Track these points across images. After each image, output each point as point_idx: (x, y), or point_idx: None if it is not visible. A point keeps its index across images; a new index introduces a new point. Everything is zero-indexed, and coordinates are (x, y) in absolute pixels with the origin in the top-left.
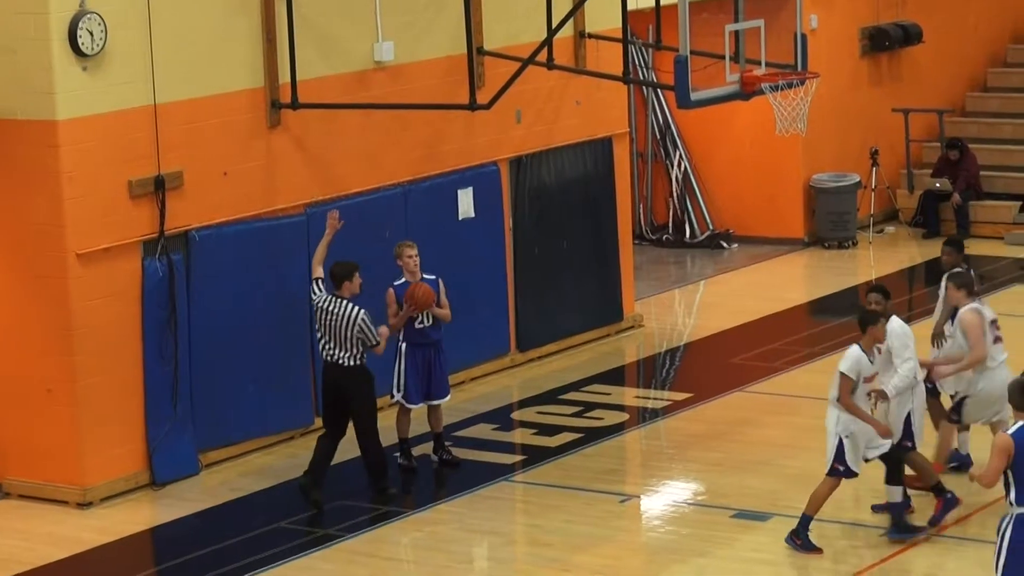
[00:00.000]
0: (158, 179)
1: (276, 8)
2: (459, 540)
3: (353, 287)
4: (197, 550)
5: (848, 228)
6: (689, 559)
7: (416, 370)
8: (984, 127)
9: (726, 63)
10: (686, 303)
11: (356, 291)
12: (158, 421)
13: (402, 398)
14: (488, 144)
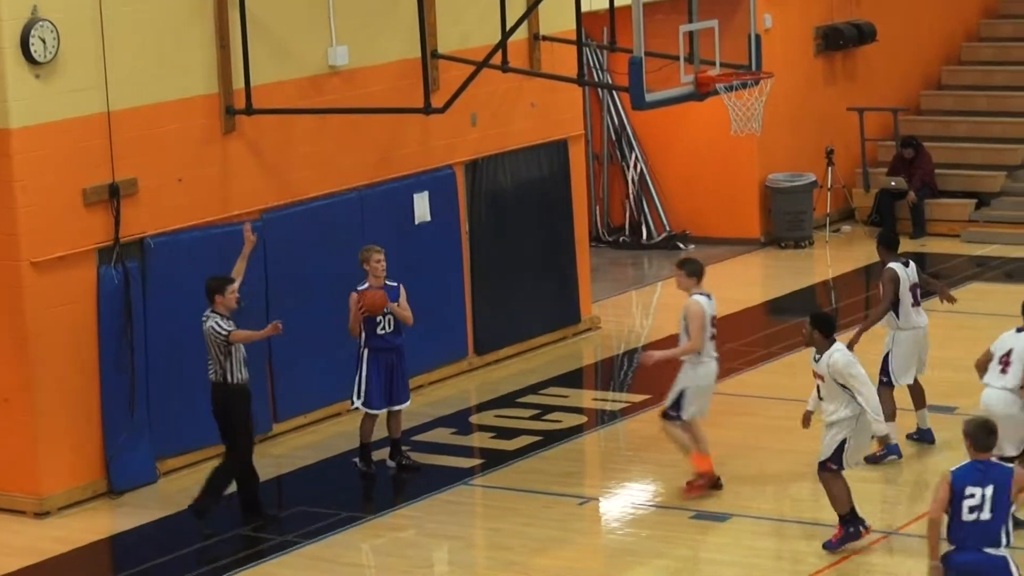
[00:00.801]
0: (113, 186)
1: (229, 14)
2: (419, 545)
3: (227, 301)
4: (156, 558)
5: (804, 228)
6: (648, 560)
7: (379, 375)
8: (939, 125)
9: (680, 64)
10: (643, 305)
11: (232, 305)
12: (115, 429)
13: (363, 404)
14: (443, 148)
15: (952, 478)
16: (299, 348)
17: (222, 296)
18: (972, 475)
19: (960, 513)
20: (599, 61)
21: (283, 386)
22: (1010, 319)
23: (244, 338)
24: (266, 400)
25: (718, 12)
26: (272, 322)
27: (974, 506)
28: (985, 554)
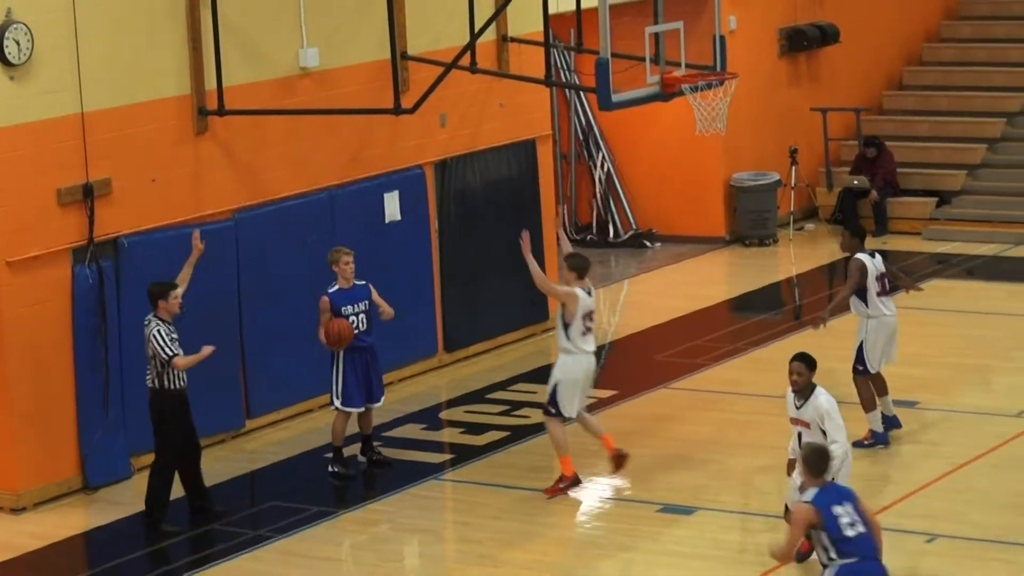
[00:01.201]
0: (87, 187)
1: (202, 16)
2: (390, 539)
3: (170, 307)
4: (131, 553)
5: (768, 226)
6: (616, 553)
7: (356, 374)
8: (901, 125)
9: (646, 65)
10: (610, 302)
11: (175, 311)
12: (90, 426)
13: (342, 404)
14: (413, 148)
15: (815, 507)
16: (271, 345)
17: (165, 302)
18: (830, 497)
19: (842, 530)
20: (566, 62)
21: (255, 383)
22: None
23: (185, 366)
24: (239, 397)
25: (683, 14)
26: (207, 346)
27: (849, 522)
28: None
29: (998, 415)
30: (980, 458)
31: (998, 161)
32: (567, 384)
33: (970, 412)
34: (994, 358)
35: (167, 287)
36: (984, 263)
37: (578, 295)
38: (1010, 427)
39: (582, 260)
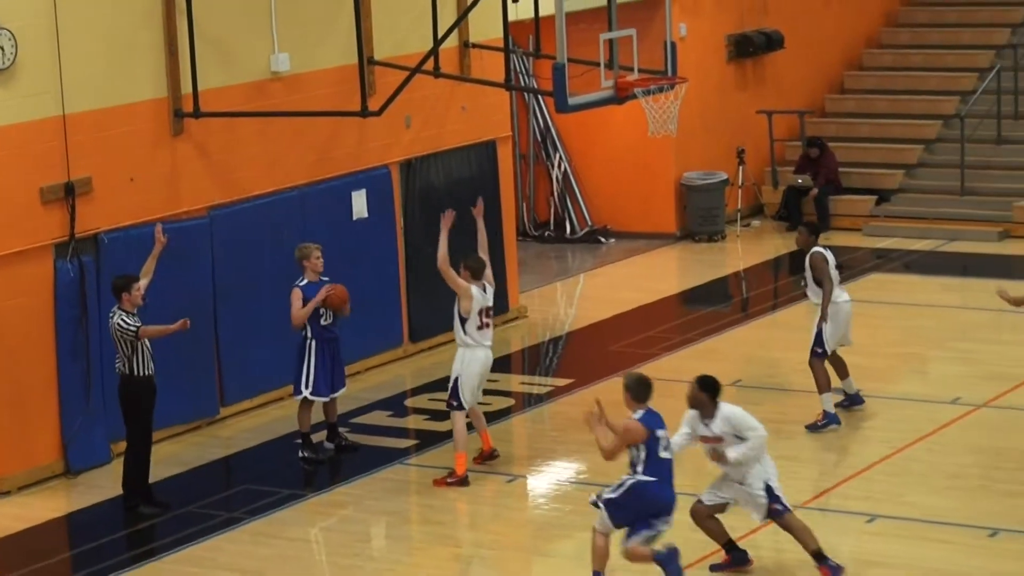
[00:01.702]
0: (68, 185)
1: (178, 23)
2: (357, 520)
3: (133, 298)
4: (110, 534)
5: (717, 222)
6: (572, 534)
7: (324, 365)
8: (842, 126)
9: (601, 70)
10: (567, 295)
11: (138, 302)
12: (72, 413)
13: (311, 393)
14: (380, 148)
15: (644, 426)
16: (245, 337)
17: (128, 293)
18: (656, 421)
19: (658, 452)
20: (525, 67)
21: (229, 372)
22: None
23: (153, 333)
24: (214, 385)
25: (636, 21)
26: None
27: (664, 446)
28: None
29: (934, 402)
30: (917, 442)
31: (934, 161)
32: (467, 377)
33: (907, 399)
34: (930, 348)
35: (130, 279)
36: (920, 258)
37: (473, 292)
38: (945, 413)
39: (477, 262)
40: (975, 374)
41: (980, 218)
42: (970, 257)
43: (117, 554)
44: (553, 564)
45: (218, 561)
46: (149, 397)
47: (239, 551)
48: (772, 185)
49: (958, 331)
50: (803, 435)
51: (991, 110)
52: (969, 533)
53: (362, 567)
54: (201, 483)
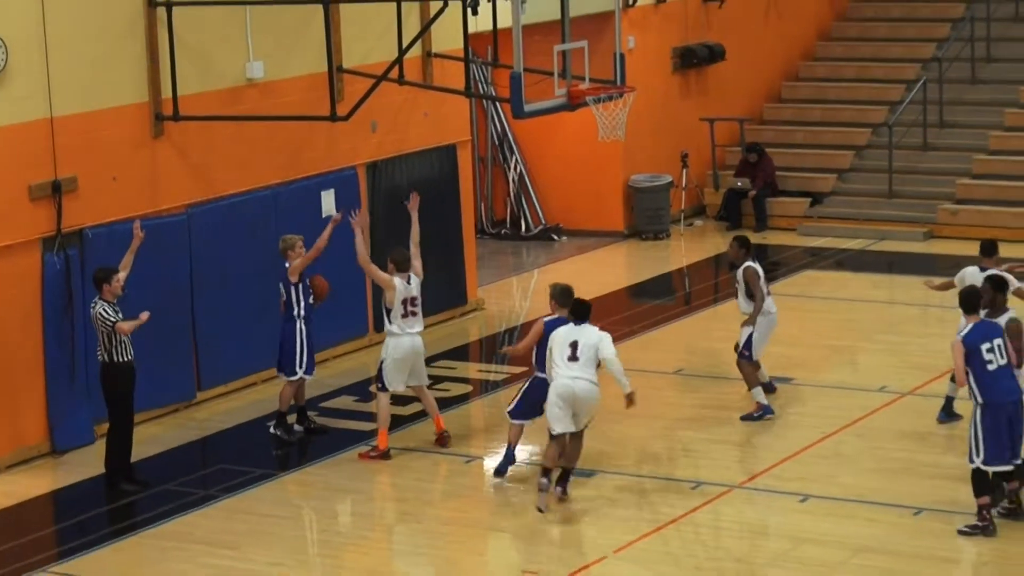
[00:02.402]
0: (55, 183)
1: (159, 32)
2: (325, 498)
3: (113, 289)
4: (94, 510)
5: (662, 222)
6: (524, 511)
7: (311, 347)
8: (779, 133)
9: (555, 79)
10: (522, 288)
11: (118, 292)
12: (58, 396)
13: (305, 372)
14: (347, 151)
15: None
16: (220, 326)
17: (109, 284)
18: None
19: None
20: (484, 76)
21: (205, 359)
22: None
23: (128, 330)
24: (191, 371)
25: (588, 34)
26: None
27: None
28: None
29: (863, 390)
30: (847, 428)
31: (864, 166)
32: (392, 362)
33: (838, 387)
34: (859, 340)
35: (111, 271)
36: (851, 256)
37: (396, 284)
38: (873, 400)
39: (400, 254)
40: (901, 364)
41: (907, 219)
42: (897, 256)
43: (100, 529)
44: (507, 538)
45: (194, 536)
46: (129, 382)
47: (214, 526)
48: (714, 187)
49: (886, 324)
50: (740, 422)
51: (917, 119)
52: (895, 512)
53: (329, 541)
54: (179, 463)
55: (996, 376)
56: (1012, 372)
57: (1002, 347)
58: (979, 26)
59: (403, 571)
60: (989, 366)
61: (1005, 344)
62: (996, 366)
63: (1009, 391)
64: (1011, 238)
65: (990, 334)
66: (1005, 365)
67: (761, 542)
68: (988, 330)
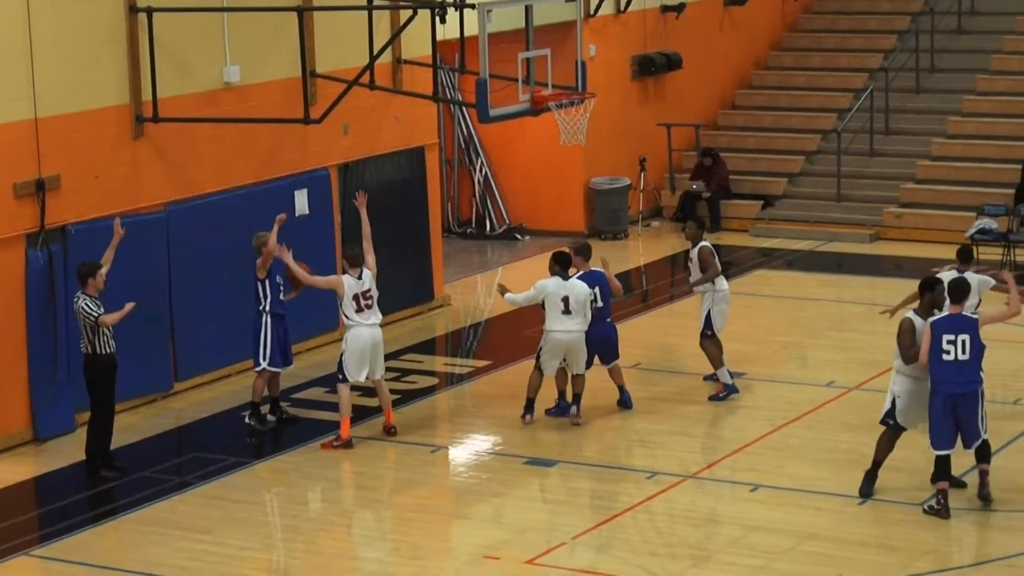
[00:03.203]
0: (39, 182)
1: (139, 36)
2: (297, 485)
3: (97, 283)
4: (75, 495)
5: (621, 222)
6: (489, 499)
7: (278, 338)
8: (733, 138)
9: (519, 85)
10: (487, 286)
11: (100, 287)
12: (40, 386)
13: (269, 364)
14: (320, 152)
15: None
16: (197, 319)
17: (93, 279)
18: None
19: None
20: (451, 82)
21: (182, 351)
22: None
23: (111, 321)
24: (168, 362)
25: (551, 42)
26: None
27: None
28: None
29: (811, 384)
30: (796, 420)
31: (814, 171)
32: (350, 353)
33: (788, 382)
34: (808, 337)
35: (94, 266)
36: (801, 256)
37: (343, 281)
38: (821, 394)
39: (351, 250)
40: (848, 360)
41: (854, 222)
42: (845, 256)
43: (80, 514)
44: (471, 525)
45: (171, 521)
46: (111, 374)
47: (190, 512)
48: (670, 190)
49: (834, 322)
50: (695, 412)
51: (864, 126)
52: (841, 501)
53: (300, 527)
54: (156, 450)
55: (947, 368)
56: (969, 368)
57: (967, 343)
58: (924, 38)
59: (370, 556)
60: (945, 356)
61: (973, 341)
62: (952, 358)
63: (957, 384)
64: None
65: (960, 328)
66: (965, 361)
67: (713, 529)
68: (959, 323)
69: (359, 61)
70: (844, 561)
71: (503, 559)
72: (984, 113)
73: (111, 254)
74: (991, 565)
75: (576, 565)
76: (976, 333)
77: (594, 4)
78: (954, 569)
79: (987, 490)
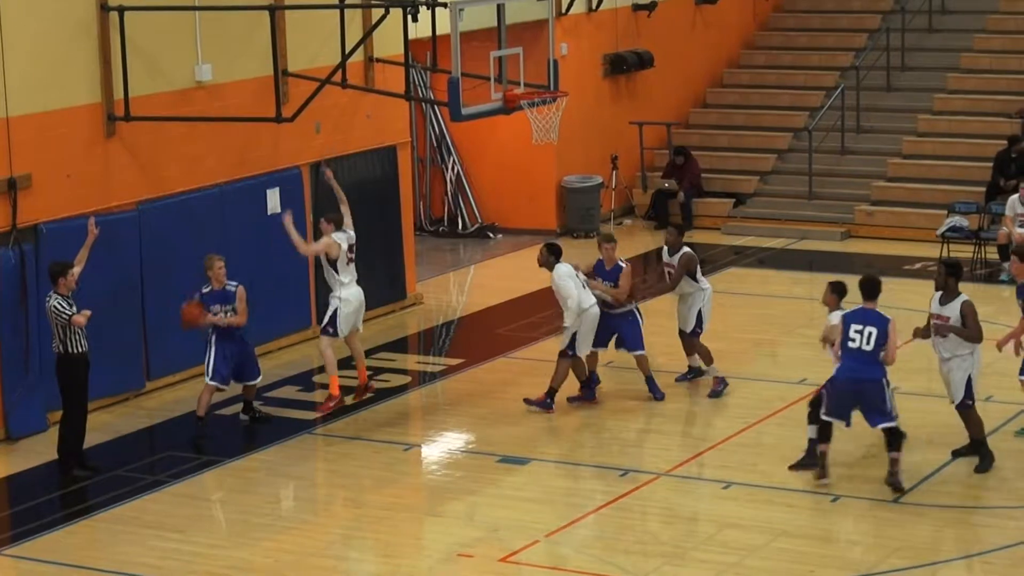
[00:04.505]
0: (11, 180)
1: (111, 35)
2: (269, 483)
3: (68, 282)
4: (47, 494)
5: (593, 221)
6: (462, 497)
7: (224, 356)
8: (705, 137)
9: (491, 84)
10: (459, 284)
11: (72, 286)
12: (12, 385)
13: (210, 379)
14: (292, 151)
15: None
16: (168, 318)
17: (64, 278)
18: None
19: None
20: (423, 80)
21: (155, 350)
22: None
23: (82, 320)
24: (140, 361)
25: (523, 41)
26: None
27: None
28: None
29: (783, 382)
30: (768, 418)
31: (785, 169)
32: (346, 310)
33: (760, 379)
34: (780, 334)
35: (66, 265)
36: (773, 254)
37: (336, 240)
38: (793, 392)
39: (335, 213)
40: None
41: (825, 220)
42: (816, 254)
43: (52, 512)
44: (443, 523)
45: (143, 520)
46: (83, 373)
47: (162, 511)
48: (642, 188)
49: (805, 319)
50: (668, 410)
51: (836, 124)
52: (813, 498)
53: (272, 525)
54: (128, 449)
55: (850, 354)
56: (869, 360)
57: (872, 335)
58: (894, 36)
59: (343, 554)
60: (850, 343)
61: (882, 336)
62: (856, 347)
63: (852, 370)
64: (924, 238)
65: (867, 320)
66: (868, 351)
67: (686, 526)
68: (867, 317)
69: (331, 60)
70: (816, 558)
71: (476, 556)
72: (955, 111)
73: (85, 253)
74: (964, 561)
75: (549, 562)
76: (884, 328)
77: (566, 3)
78: (928, 565)
79: (896, 479)
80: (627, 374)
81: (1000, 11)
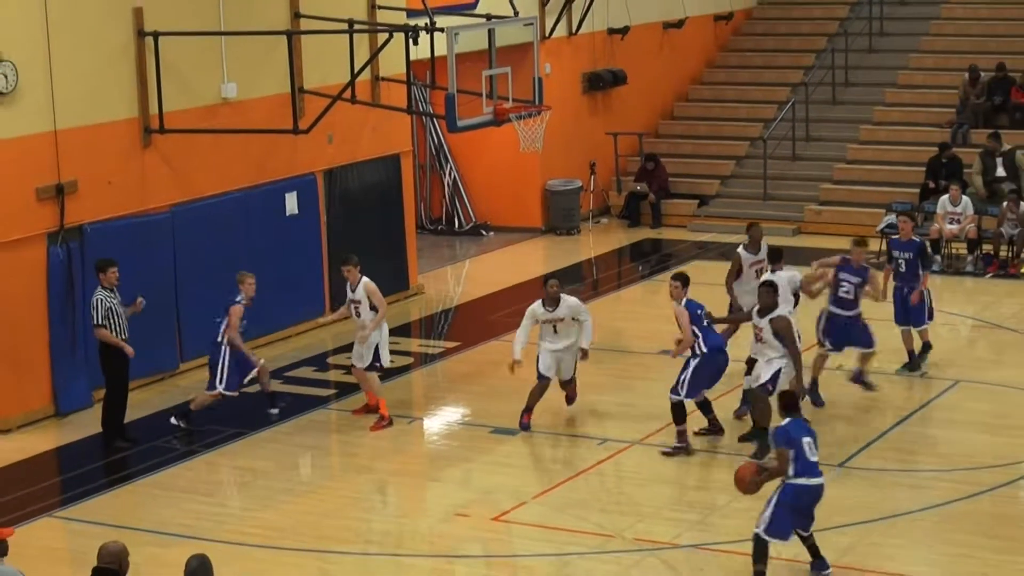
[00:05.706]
0: (59, 186)
1: (147, 57)
2: (289, 453)
3: (108, 278)
4: (92, 464)
5: (573, 220)
6: (458, 464)
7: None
8: (672, 145)
9: (483, 99)
10: (456, 276)
11: (113, 282)
12: (61, 367)
13: (224, 389)
14: (307, 159)
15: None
16: (199, 306)
17: (104, 274)
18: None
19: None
20: (423, 96)
21: (187, 335)
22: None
23: (102, 337)
24: (174, 345)
25: (511, 61)
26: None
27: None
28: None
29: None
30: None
31: (744, 173)
32: (384, 342)
33: None
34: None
35: (108, 263)
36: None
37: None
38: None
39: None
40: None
41: (779, 218)
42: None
43: (97, 479)
44: (443, 487)
45: (178, 485)
46: (123, 357)
47: (195, 476)
48: (617, 191)
49: None
50: (640, 387)
51: (788, 134)
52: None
53: (292, 489)
54: (164, 423)
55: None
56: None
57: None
58: (839, 56)
59: (356, 515)
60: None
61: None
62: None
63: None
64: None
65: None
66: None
67: (656, 489)
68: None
69: (342, 78)
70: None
71: (472, 516)
72: (892, 122)
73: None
74: (898, 519)
75: (536, 521)
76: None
77: (549, 27)
78: (870, 522)
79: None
80: (602, 355)
81: (931, 33)
